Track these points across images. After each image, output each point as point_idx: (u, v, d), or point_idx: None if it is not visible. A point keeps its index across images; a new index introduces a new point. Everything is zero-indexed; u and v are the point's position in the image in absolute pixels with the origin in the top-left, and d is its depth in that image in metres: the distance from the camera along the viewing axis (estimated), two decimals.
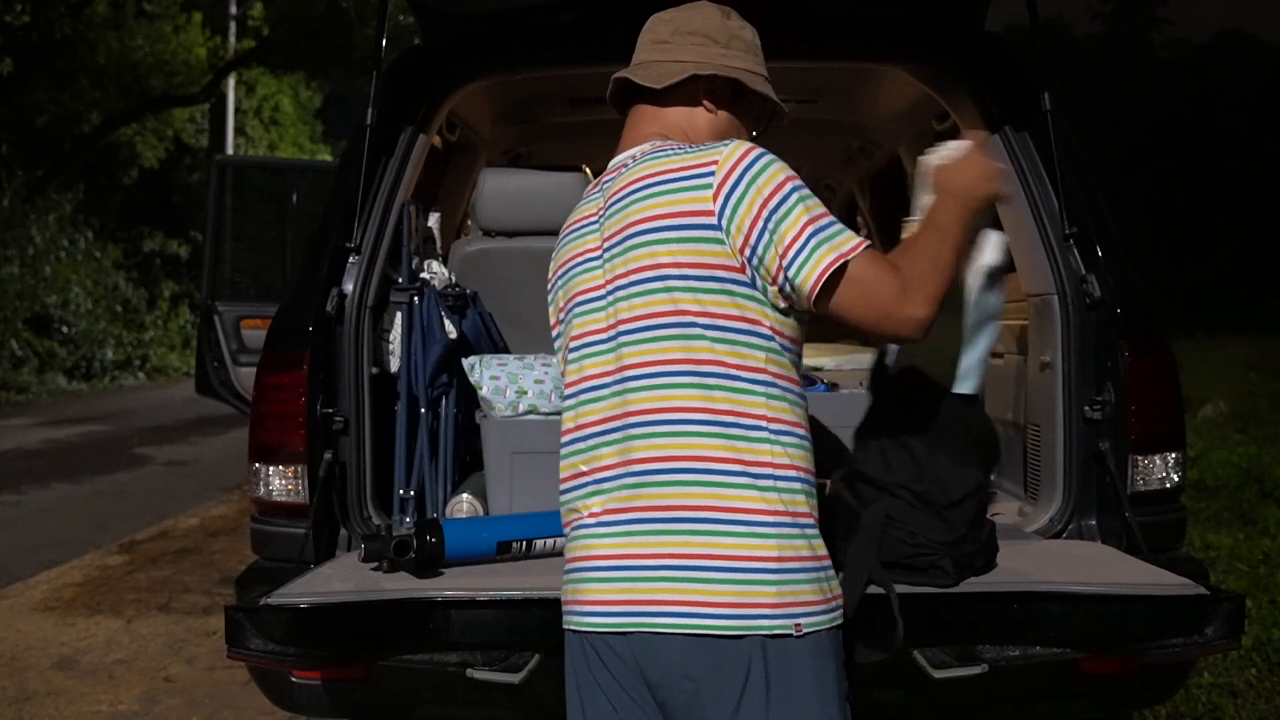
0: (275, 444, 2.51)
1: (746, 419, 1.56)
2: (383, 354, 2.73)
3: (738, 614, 1.51)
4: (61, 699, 3.87)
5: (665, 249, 1.58)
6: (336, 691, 2.31)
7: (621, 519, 1.59)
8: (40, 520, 6.91)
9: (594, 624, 1.59)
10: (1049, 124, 2.57)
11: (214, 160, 4.74)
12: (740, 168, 1.57)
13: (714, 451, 1.55)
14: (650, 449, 1.58)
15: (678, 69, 1.74)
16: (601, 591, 1.59)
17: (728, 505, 1.54)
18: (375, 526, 2.54)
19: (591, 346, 1.67)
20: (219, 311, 4.13)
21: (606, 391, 1.64)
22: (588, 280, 1.70)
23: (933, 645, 2.10)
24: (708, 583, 1.52)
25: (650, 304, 1.60)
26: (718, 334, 1.57)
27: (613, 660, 1.59)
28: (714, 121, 1.77)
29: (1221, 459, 7.58)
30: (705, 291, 1.57)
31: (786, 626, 1.52)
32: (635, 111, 1.80)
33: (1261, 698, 3.65)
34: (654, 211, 1.60)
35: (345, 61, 19.20)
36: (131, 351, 17.37)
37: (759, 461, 1.55)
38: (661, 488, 1.57)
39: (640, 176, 1.65)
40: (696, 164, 1.60)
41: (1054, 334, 2.53)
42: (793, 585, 1.53)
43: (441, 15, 2.83)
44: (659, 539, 1.55)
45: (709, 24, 1.77)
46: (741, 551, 1.52)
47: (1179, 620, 2.01)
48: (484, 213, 2.98)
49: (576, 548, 1.65)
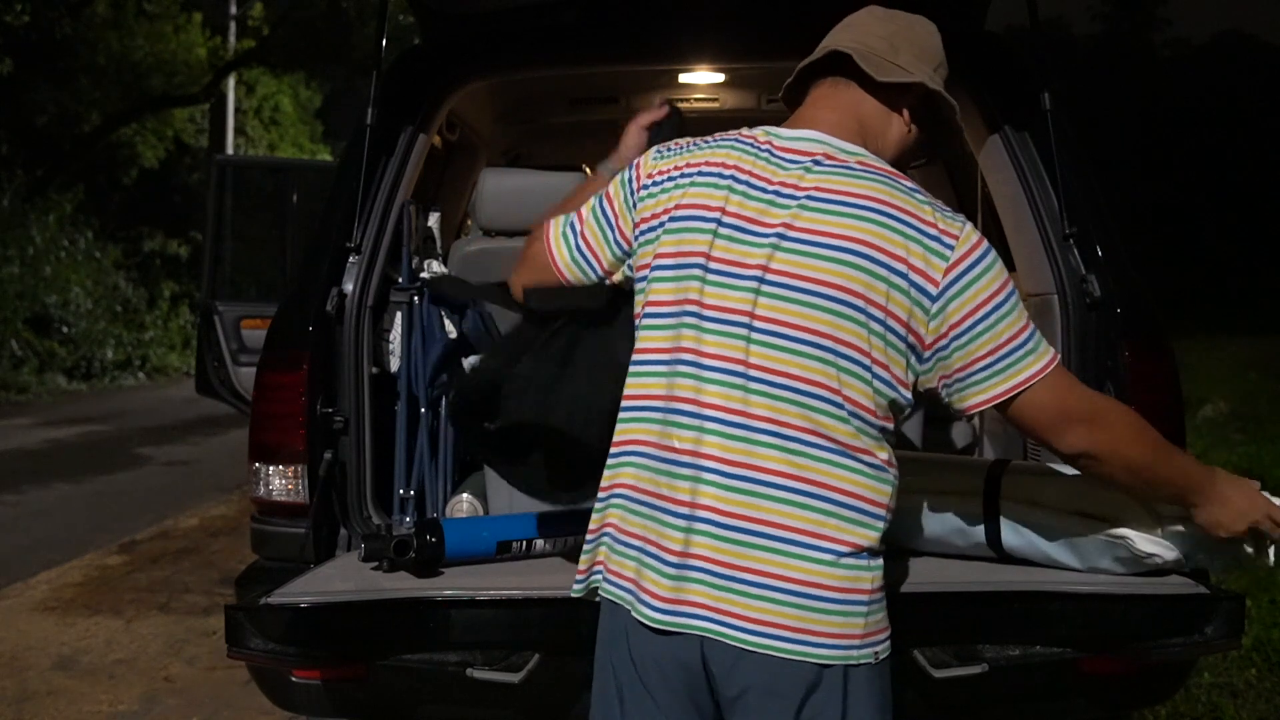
0: (275, 444, 2.51)
1: (876, 459, 1.56)
2: (383, 354, 2.73)
3: (833, 644, 1.52)
4: (61, 699, 3.87)
5: (875, 283, 1.53)
6: (336, 691, 2.31)
7: (728, 523, 1.54)
8: (40, 520, 6.91)
9: (668, 622, 1.55)
10: (1049, 124, 2.56)
11: (214, 160, 4.75)
12: (977, 254, 1.56)
13: (849, 486, 1.54)
14: (776, 462, 1.53)
15: (900, 71, 1.68)
16: (682, 591, 1.55)
17: (845, 539, 1.53)
18: (375, 526, 2.54)
19: (721, 325, 1.57)
20: (219, 311, 4.13)
21: (724, 377, 1.56)
22: (730, 251, 1.58)
23: (933, 645, 2.10)
24: (810, 610, 1.52)
25: (817, 320, 1.53)
26: (880, 384, 1.55)
27: (670, 660, 1.57)
28: (905, 138, 1.72)
29: (1221, 459, 7.57)
30: (884, 340, 1.54)
31: (868, 656, 1.54)
32: (830, 88, 1.70)
33: (1261, 698, 3.65)
34: (877, 242, 1.54)
35: (345, 61, 19.16)
36: (131, 351, 17.34)
37: (881, 502, 1.56)
38: (778, 504, 1.53)
39: (865, 195, 1.56)
40: (939, 226, 1.55)
41: (1054, 334, 2.53)
42: (877, 615, 1.57)
43: (441, 15, 2.83)
44: (767, 556, 1.53)
45: (930, 41, 1.74)
46: (846, 584, 1.53)
47: (1179, 620, 2.01)
48: (484, 213, 2.99)
49: (652, 530, 1.57)
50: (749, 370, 1.55)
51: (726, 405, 1.55)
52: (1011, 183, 2.64)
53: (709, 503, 1.54)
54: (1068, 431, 1.62)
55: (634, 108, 3.96)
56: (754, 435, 1.54)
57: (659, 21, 2.75)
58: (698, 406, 1.56)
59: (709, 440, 1.55)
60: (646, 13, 2.74)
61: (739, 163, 1.63)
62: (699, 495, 1.55)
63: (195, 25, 20.74)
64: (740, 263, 1.57)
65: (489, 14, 2.76)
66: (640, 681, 1.60)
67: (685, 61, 3.06)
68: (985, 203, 3.08)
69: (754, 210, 1.59)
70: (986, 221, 3.22)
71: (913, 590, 2.05)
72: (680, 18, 2.72)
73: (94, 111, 18.98)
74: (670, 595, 1.55)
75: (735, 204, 1.60)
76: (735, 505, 1.53)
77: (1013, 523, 2.06)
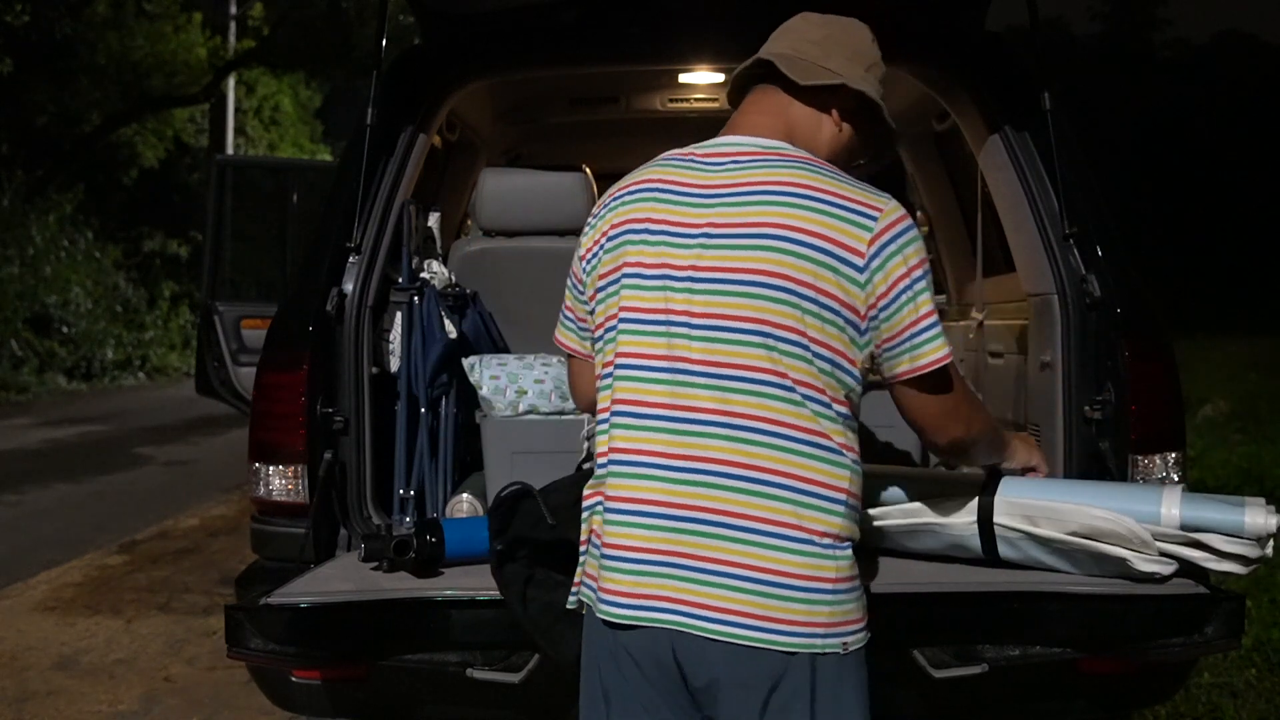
0: (275, 444, 2.51)
1: (831, 442, 1.58)
2: (383, 354, 2.73)
3: (797, 632, 1.53)
4: (61, 699, 3.87)
5: (799, 263, 1.56)
6: (336, 691, 2.31)
7: (678, 515, 1.57)
8: (40, 520, 6.91)
9: (631, 617, 1.58)
10: (1049, 124, 2.56)
11: (214, 160, 4.75)
12: (899, 228, 1.59)
13: (802, 470, 1.55)
14: (721, 451, 1.56)
15: (826, 73, 1.72)
16: (643, 585, 1.57)
17: (804, 525, 1.55)
18: (375, 526, 2.54)
19: (648, 325, 1.63)
20: (219, 311, 4.14)
21: (662, 375, 1.61)
22: (661, 255, 1.63)
23: (933, 645, 2.10)
24: (772, 598, 1.53)
25: (755, 308, 1.57)
26: (823, 363, 1.57)
27: (644, 656, 1.59)
28: (837, 137, 1.76)
29: (1221, 459, 7.58)
30: (828, 321, 1.56)
31: (836, 645, 1.55)
32: (763, 94, 1.75)
33: (1261, 698, 3.65)
34: (798, 224, 1.57)
35: (345, 61, 19.15)
36: (131, 351, 17.35)
37: (840, 487, 1.57)
38: (729, 493, 1.55)
39: (784, 181, 1.61)
40: (860, 200, 1.59)
41: (1054, 334, 2.53)
42: (845, 605, 1.57)
43: (441, 15, 2.83)
44: (718, 544, 1.55)
45: (861, 43, 1.78)
46: (809, 571, 1.54)
47: (1179, 620, 2.01)
48: (484, 213, 2.98)
49: (618, 534, 1.61)
50: (691, 366, 1.59)
51: (664, 402, 1.60)
52: (1011, 183, 2.64)
53: (659, 497, 1.59)
54: (951, 425, 1.70)
55: (634, 108, 3.97)
56: (698, 428, 1.57)
57: (659, 21, 2.75)
58: (637, 405, 1.62)
59: (656, 438, 1.60)
60: (646, 13, 2.74)
61: (662, 176, 1.69)
62: (649, 491, 1.60)
63: (195, 25, 20.73)
64: (665, 265, 1.62)
65: (489, 14, 2.76)
66: (623, 679, 1.62)
67: (685, 61, 3.06)
68: (985, 203, 3.08)
69: (678, 214, 1.64)
70: (986, 221, 3.22)
71: (913, 590, 2.05)
72: (680, 18, 2.72)
73: (94, 111, 18.97)
74: (631, 590, 1.59)
75: (662, 211, 1.65)
76: (683, 497, 1.57)
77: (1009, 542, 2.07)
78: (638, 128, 4.21)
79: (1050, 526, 2.02)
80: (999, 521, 2.05)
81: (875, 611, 1.71)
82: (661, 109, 3.94)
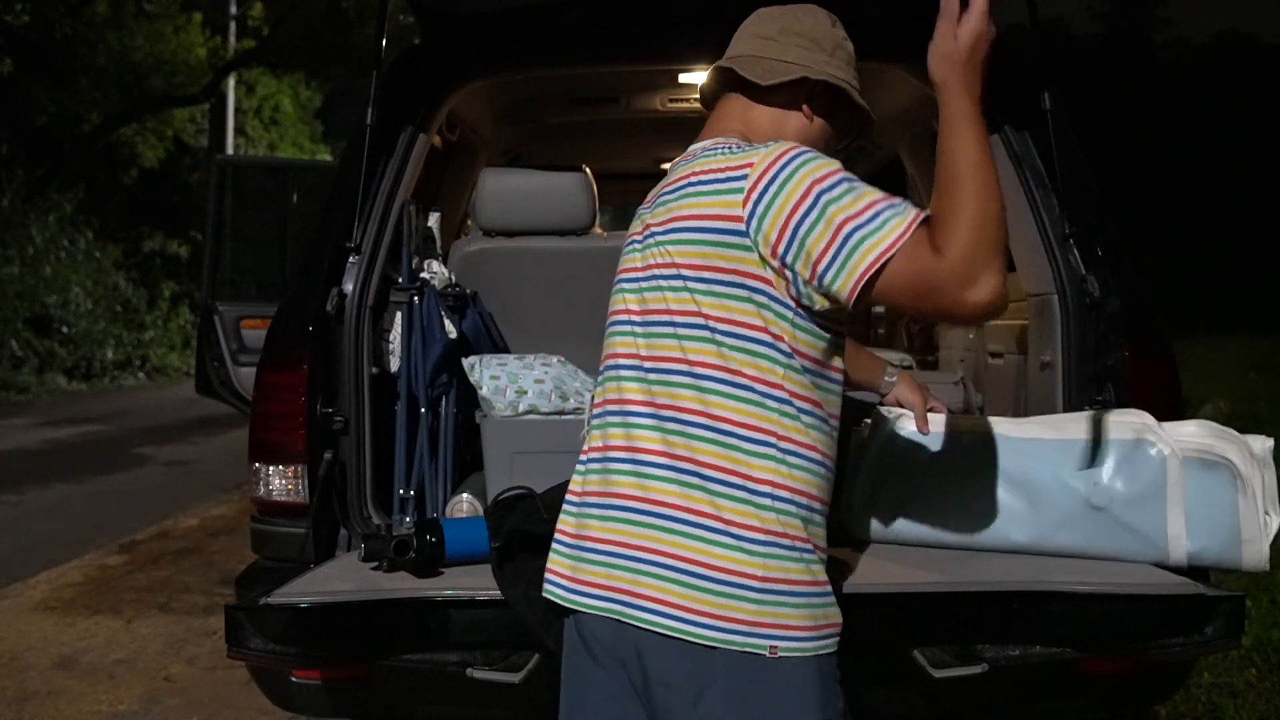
0: (275, 444, 2.51)
1: (752, 431, 1.54)
2: (383, 354, 2.73)
3: (714, 625, 1.51)
4: (61, 699, 3.87)
5: (693, 250, 1.57)
6: (336, 691, 2.31)
7: (613, 504, 1.60)
8: (40, 520, 6.91)
9: (580, 603, 1.61)
10: (1049, 124, 2.56)
11: (214, 160, 4.75)
12: (772, 172, 1.52)
13: (713, 459, 1.54)
14: (651, 442, 1.58)
15: (785, 69, 1.71)
16: (592, 574, 1.60)
17: (721, 515, 1.53)
18: (375, 526, 2.54)
19: (622, 326, 1.68)
20: (219, 311, 4.13)
21: (631, 374, 1.64)
22: (630, 260, 1.70)
23: (933, 645, 2.10)
24: (689, 588, 1.52)
25: (666, 300, 1.60)
26: (734, 341, 1.55)
27: (597, 645, 1.60)
28: (808, 129, 1.75)
29: None
30: (727, 297, 1.55)
31: (761, 646, 1.50)
32: (726, 102, 1.77)
33: (1261, 698, 3.65)
34: (689, 211, 1.59)
35: (345, 61, 19.18)
36: (131, 351, 17.35)
37: (760, 478, 1.53)
38: (660, 483, 1.57)
39: (691, 172, 1.63)
40: (734, 166, 1.56)
41: (1054, 334, 2.53)
42: (775, 607, 1.51)
43: (441, 15, 2.83)
44: (649, 532, 1.56)
45: (818, 29, 1.75)
46: (726, 564, 1.52)
47: (1179, 620, 2.01)
48: (484, 213, 2.98)
49: (570, 524, 1.67)
50: (640, 362, 1.62)
51: (631, 399, 1.63)
52: (1011, 183, 2.64)
53: (594, 488, 1.64)
54: (956, 291, 1.43)
55: (634, 108, 3.97)
56: (632, 419, 1.61)
57: (659, 21, 2.75)
58: (608, 405, 1.67)
59: (611, 433, 1.64)
60: (646, 13, 2.74)
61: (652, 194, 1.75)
62: (587, 484, 1.65)
63: (195, 25, 20.74)
64: (632, 269, 1.68)
65: (489, 14, 2.76)
66: (589, 663, 1.63)
67: (685, 61, 3.06)
68: None
69: (637, 225, 1.71)
70: None
71: (913, 590, 2.05)
72: (680, 18, 2.72)
73: (94, 111, 18.97)
74: (570, 574, 1.63)
75: (636, 225, 1.72)
76: (617, 487, 1.60)
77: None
78: (638, 128, 4.21)
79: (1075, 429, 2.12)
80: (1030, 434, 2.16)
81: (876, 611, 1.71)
82: (661, 109, 3.94)
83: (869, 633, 1.76)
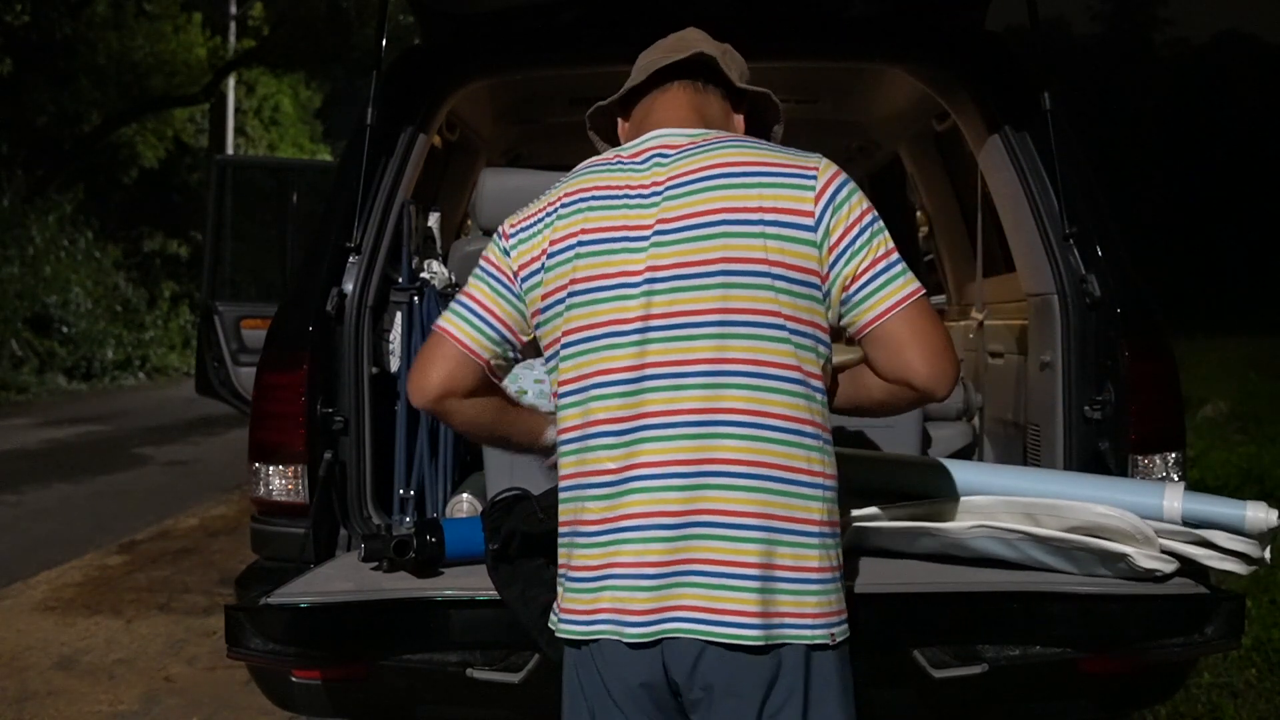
0: (275, 444, 2.51)
1: (813, 427, 1.57)
2: (383, 354, 2.73)
3: (782, 624, 1.52)
4: (61, 699, 3.87)
5: (760, 243, 1.56)
6: (336, 691, 2.31)
7: (675, 522, 1.54)
8: (40, 520, 6.91)
9: (637, 634, 1.54)
10: (1049, 124, 2.56)
11: (214, 160, 4.75)
12: (838, 181, 1.62)
13: (784, 459, 1.54)
14: (726, 450, 1.53)
15: (745, 80, 1.81)
16: (643, 600, 1.54)
17: (791, 515, 1.53)
18: (375, 526, 2.54)
19: (611, 339, 1.58)
20: (219, 311, 4.14)
21: (623, 389, 1.57)
22: (615, 264, 1.59)
23: (933, 645, 2.10)
24: (765, 592, 1.51)
25: (717, 299, 1.55)
26: (800, 339, 1.56)
27: (632, 670, 1.55)
28: (740, 128, 1.83)
29: (1221, 459, 7.58)
30: (799, 296, 1.57)
31: (824, 636, 1.54)
32: (679, 89, 1.78)
33: (1261, 698, 3.65)
34: (745, 204, 1.57)
35: (345, 61, 19.19)
36: (131, 351, 17.36)
37: (817, 471, 1.57)
38: (730, 492, 1.53)
39: (723, 162, 1.60)
40: (796, 164, 1.61)
41: (1054, 334, 2.53)
42: (834, 595, 1.56)
43: (441, 15, 2.83)
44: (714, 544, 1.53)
45: (743, 64, 1.86)
46: (805, 563, 1.54)
47: (1179, 620, 2.01)
48: (484, 213, 2.98)
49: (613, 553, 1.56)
50: (645, 370, 1.56)
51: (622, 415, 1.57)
52: (1011, 183, 2.64)
53: (674, 508, 1.56)
54: (947, 363, 1.61)
55: None
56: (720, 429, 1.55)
57: (659, 22, 2.74)
58: (607, 425, 1.58)
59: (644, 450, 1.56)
60: (646, 13, 2.74)
61: (595, 184, 1.67)
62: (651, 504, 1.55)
63: (195, 25, 20.74)
64: (620, 273, 1.58)
65: (489, 14, 2.76)
66: (613, 703, 1.59)
67: None
68: (985, 203, 3.08)
69: (623, 218, 1.61)
70: (986, 221, 3.22)
71: (913, 590, 2.05)
72: (680, 18, 2.72)
73: (94, 111, 18.98)
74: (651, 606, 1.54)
75: (604, 219, 1.62)
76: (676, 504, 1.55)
77: (1008, 543, 2.06)
78: None
79: (1052, 523, 2.01)
80: (1001, 525, 2.04)
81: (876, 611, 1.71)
82: None
83: (869, 633, 1.76)
